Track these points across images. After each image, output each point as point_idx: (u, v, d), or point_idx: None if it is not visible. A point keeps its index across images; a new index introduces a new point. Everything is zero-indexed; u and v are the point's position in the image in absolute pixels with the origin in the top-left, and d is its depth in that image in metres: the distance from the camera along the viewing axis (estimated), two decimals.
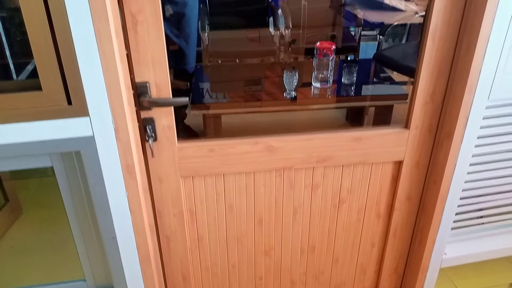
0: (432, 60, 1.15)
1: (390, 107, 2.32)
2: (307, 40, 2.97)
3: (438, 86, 1.20)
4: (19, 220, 2.08)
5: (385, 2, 2.61)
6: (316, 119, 2.65)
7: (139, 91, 1.07)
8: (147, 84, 1.07)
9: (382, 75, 2.58)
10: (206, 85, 2.39)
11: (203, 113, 2.21)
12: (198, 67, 2.51)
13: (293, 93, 2.25)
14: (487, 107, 1.22)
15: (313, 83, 2.31)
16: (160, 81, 1.07)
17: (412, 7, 2.62)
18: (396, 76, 2.54)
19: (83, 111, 0.98)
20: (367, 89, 2.41)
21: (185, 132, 2.44)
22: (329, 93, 2.31)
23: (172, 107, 1.11)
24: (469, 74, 1.12)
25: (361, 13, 2.66)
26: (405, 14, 2.61)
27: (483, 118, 1.23)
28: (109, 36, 0.94)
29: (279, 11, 2.97)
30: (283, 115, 2.50)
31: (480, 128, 1.25)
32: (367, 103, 2.40)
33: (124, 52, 1.01)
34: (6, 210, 2.05)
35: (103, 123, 1.01)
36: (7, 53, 1.28)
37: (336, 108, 2.49)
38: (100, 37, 0.93)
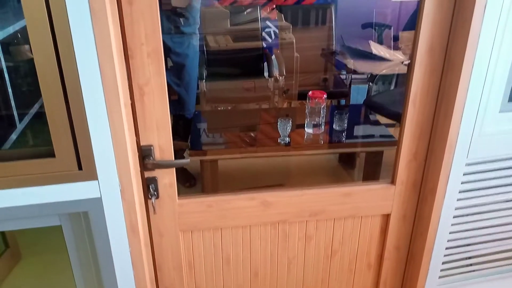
0: (414, 123, 1.25)
1: (381, 152, 2.42)
2: (300, 83, 3.11)
3: (421, 146, 1.29)
4: (18, 265, 2.11)
5: (373, 53, 2.77)
6: (310, 161, 2.75)
7: (144, 154, 1.16)
8: (151, 147, 1.15)
9: (372, 120, 2.69)
10: (203, 131, 2.49)
11: (200, 159, 2.29)
12: (196, 112, 2.62)
13: (287, 139, 2.35)
14: (467, 164, 1.31)
15: (306, 129, 2.42)
16: (163, 144, 1.16)
17: (399, 56, 2.77)
18: (386, 119, 2.66)
19: (92, 175, 1.06)
20: (358, 136, 2.52)
21: (182, 174, 2.52)
22: (322, 138, 2.42)
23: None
24: (448, 136, 1.22)
25: (351, 63, 2.81)
26: (392, 63, 2.76)
27: (463, 174, 1.32)
28: (118, 106, 1.03)
29: (273, 58, 3.12)
30: (277, 158, 2.60)
31: (461, 183, 1.34)
32: (358, 149, 2.50)
33: (132, 120, 1.10)
34: (6, 256, 2.09)
35: (110, 186, 1.08)
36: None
37: (329, 153, 2.59)
38: (110, 109, 1.02)
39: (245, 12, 2.64)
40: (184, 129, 2.46)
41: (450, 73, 1.19)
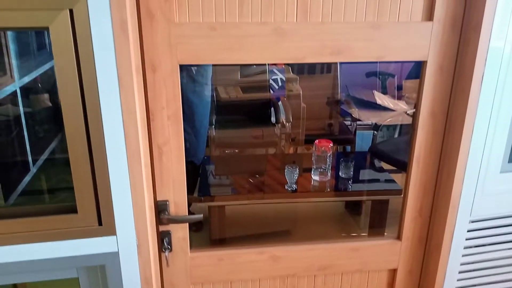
0: (418, 181, 1.31)
1: (387, 200, 2.46)
2: (306, 127, 3.19)
3: (425, 203, 1.34)
4: None
5: (377, 103, 2.86)
6: (316, 208, 2.78)
7: (160, 209, 1.21)
8: (167, 203, 1.21)
9: (377, 167, 2.75)
10: (211, 176, 2.55)
11: (208, 204, 2.34)
12: (205, 158, 2.69)
13: (294, 186, 2.40)
14: (471, 221, 1.35)
15: (312, 176, 2.47)
16: (178, 200, 1.22)
17: (403, 106, 2.86)
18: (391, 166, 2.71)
19: (111, 231, 1.11)
20: (364, 183, 2.57)
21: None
22: (328, 186, 2.47)
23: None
24: (451, 195, 1.27)
25: (355, 112, 2.90)
26: (396, 113, 2.85)
27: (467, 231, 1.36)
28: (139, 165, 1.10)
29: (280, 105, 3.22)
30: (285, 204, 2.63)
31: (466, 239, 1.38)
32: (364, 198, 2.54)
33: (150, 177, 1.16)
34: None
35: (127, 240, 1.13)
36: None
37: (335, 201, 2.63)
38: (132, 167, 1.09)
39: (254, 65, 2.77)
40: (193, 174, 2.52)
41: (451, 135, 1.26)
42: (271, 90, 3.25)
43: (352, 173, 2.50)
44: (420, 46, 1.18)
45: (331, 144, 2.45)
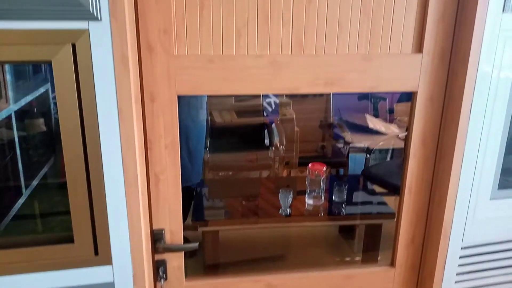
0: (410, 209, 1.33)
1: (380, 224, 2.48)
2: (300, 149, 3.22)
3: (418, 231, 1.36)
4: None
5: (369, 126, 2.92)
6: (310, 231, 2.79)
7: (155, 237, 1.22)
8: (163, 231, 1.22)
9: (370, 191, 2.78)
10: (205, 201, 2.55)
11: (202, 230, 2.33)
12: (200, 181, 2.70)
13: (288, 210, 2.41)
14: (463, 248, 1.37)
15: (306, 200, 2.48)
16: (174, 228, 1.23)
17: (394, 129, 2.91)
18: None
19: (107, 260, 1.11)
20: (357, 207, 2.58)
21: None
22: (322, 210, 2.48)
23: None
24: (443, 222, 1.29)
25: (348, 136, 2.95)
26: (387, 137, 2.90)
27: (459, 257, 1.38)
28: (137, 194, 1.11)
29: (273, 127, 3.26)
30: (279, 228, 2.64)
31: (458, 266, 1.39)
32: (357, 222, 2.55)
33: (147, 206, 1.17)
34: None
35: (123, 270, 1.13)
36: None
37: (329, 225, 2.64)
38: (129, 196, 1.10)
39: None
40: (187, 198, 2.52)
41: (442, 163, 1.29)
42: (264, 113, 3.29)
43: (345, 196, 2.52)
44: (410, 77, 1.22)
45: (325, 168, 2.47)
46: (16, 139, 2.45)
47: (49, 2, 0.90)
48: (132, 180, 1.10)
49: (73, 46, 0.95)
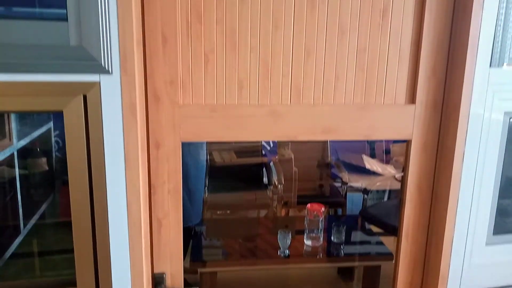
0: (408, 255, 1.35)
1: (378, 265, 2.47)
2: (299, 187, 3.24)
3: (416, 275, 1.37)
4: None
5: (366, 167, 2.96)
6: (309, 272, 2.77)
7: (156, 281, 1.23)
8: (164, 275, 1.23)
9: (368, 231, 2.79)
10: (204, 241, 2.55)
11: (200, 271, 2.33)
12: (199, 221, 2.70)
13: (287, 251, 2.41)
14: None
15: (305, 241, 2.49)
16: (175, 272, 1.24)
17: (391, 170, 2.96)
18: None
19: None
20: (356, 248, 2.59)
21: None
22: (320, 251, 2.48)
23: None
24: (440, 268, 1.31)
25: (346, 176, 2.99)
26: (384, 177, 2.95)
27: None
28: (140, 239, 1.13)
29: (271, 165, 3.30)
30: (277, 269, 2.62)
31: None
32: (356, 263, 2.55)
33: (149, 250, 1.19)
34: None
35: None
36: None
37: (328, 266, 2.63)
38: (132, 241, 1.13)
39: None
40: (186, 239, 2.52)
41: (438, 209, 1.32)
42: (263, 151, 3.34)
43: (344, 237, 2.53)
44: (404, 126, 1.27)
45: (323, 209, 2.49)
46: (18, 178, 2.48)
47: (65, 57, 0.96)
48: (136, 225, 1.13)
49: (84, 97, 1.01)
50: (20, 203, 2.48)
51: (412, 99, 1.26)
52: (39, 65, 0.95)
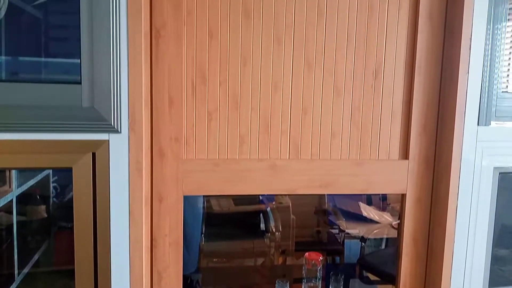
0: None
1: None
2: (296, 234, 3.23)
3: None
4: None
5: (363, 215, 2.99)
6: None
7: None
8: None
9: (366, 279, 2.76)
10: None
11: None
12: (195, 269, 2.68)
13: None
14: None
15: None
16: None
17: (388, 218, 2.98)
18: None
19: None
20: None
21: None
22: None
23: None
24: None
25: (343, 223, 3.00)
26: (381, 225, 2.97)
27: None
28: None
29: (269, 211, 3.31)
30: None
31: None
32: None
33: None
34: None
35: None
36: None
37: None
38: None
39: None
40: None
41: (433, 261, 1.35)
42: (260, 197, 3.36)
43: (342, 286, 2.50)
44: (399, 181, 1.32)
45: (321, 257, 2.49)
46: (15, 225, 2.48)
47: (77, 117, 1.02)
48: (137, 278, 1.14)
49: (93, 154, 1.06)
50: (16, 250, 2.46)
51: (405, 154, 1.32)
52: (53, 125, 1.01)
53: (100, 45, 1.02)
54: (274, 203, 3.36)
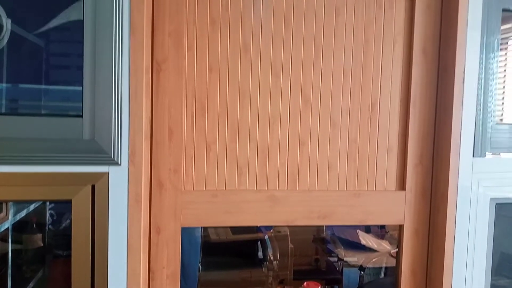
0: None
1: None
2: (294, 262, 3.19)
3: None
4: None
5: (361, 244, 2.97)
6: None
7: None
8: None
9: None
10: None
11: None
12: None
13: None
14: None
15: None
16: None
17: (386, 246, 2.96)
18: None
19: None
20: None
21: None
22: None
23: None
24: None
25: (341, 252, 2.98)
26: (380, 254, 2.94)
27: None
28: None
29: (267, 239, 3.28)
30: None
31: None
32: None
33: None
34: None
35: None
36: None
37: None
38: None
39: None
40: None
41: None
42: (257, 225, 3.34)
43: None
44: (396, 212, 1.33)
45: (320, 287, 2.46)
46: (10, 254, 2.45)
47: (78, 150, 1.03)
48: None
49: (93, 186, 1.07)
50: (9, 280, 2.42)
51: (402, 185, 1.33)
52: (53, 158, 1.02)
53: (102, 78, 1.05)
54: (272, 231, 3.34)
